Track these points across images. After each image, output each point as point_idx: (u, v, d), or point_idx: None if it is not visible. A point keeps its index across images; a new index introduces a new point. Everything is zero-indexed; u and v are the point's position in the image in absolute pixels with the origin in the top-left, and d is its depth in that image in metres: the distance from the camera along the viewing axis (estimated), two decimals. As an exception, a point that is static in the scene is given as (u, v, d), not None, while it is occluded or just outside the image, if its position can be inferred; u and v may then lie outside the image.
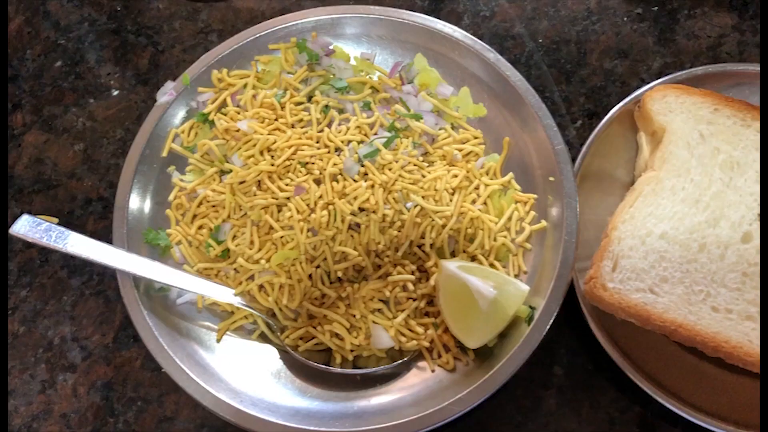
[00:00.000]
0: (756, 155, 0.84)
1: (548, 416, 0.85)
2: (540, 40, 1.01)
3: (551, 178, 0.87)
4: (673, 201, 0.83)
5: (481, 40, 1.00)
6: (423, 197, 0.85)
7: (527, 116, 0.90)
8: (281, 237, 0.84)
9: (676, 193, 0.83)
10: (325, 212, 0.82)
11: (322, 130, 0.88)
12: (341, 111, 0.91)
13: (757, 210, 0.82)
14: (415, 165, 0.87)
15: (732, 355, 0.77)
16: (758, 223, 0.82)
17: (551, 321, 0.80)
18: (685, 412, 0.78)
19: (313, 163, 0.85)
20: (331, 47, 0.96)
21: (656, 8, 1.02)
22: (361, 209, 0.83)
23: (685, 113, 0.86)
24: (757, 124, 0.85)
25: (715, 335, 0.77)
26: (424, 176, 0.86)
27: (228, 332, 0.86)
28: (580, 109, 0.97)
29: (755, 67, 0.92)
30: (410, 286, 0.83)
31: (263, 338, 0.86)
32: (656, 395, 0.79)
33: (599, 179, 0.89)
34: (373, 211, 0.82)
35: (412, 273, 0.84)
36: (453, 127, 0.93)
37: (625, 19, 1.02)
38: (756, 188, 0.83)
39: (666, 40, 1.00)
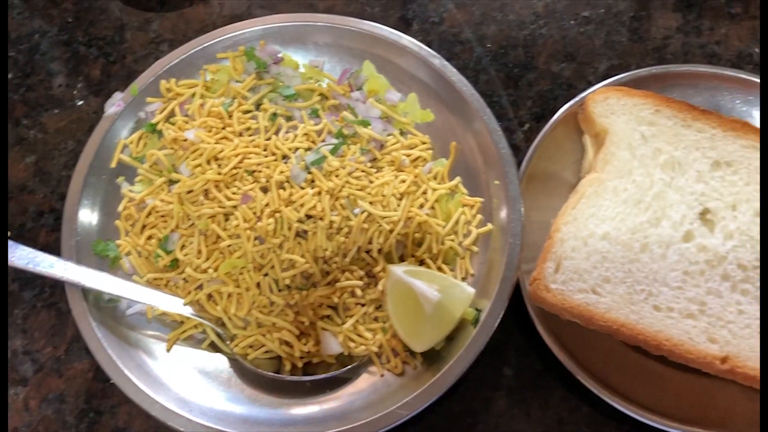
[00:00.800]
0: (696, 155, 0.85)
1: (498, 417, 0.85)
2: (488, 45, 1.02)
3: (496, 182, 0.88)
4: (615, 202, 0.84)
5: (430, 46, 1.01)
6: (370, 203, 0.85)
7: (473, 121, 0.90)
8: (228, 246, 0.84)
9: (618, 194, 0.84)
10: (271, 220, 0.82)
11: (269, 138, 0.89)
12: (289, 118, 0.92)
13: (698, 209, 0.84)
14: (362, 171, 0.87)
15: (673, 352, 0.78)
16: (699, 221, 0.83)
17: (497, 323, 0.81)
18: (631, 410, 0.79)
19: (260, 172, 0.86)
20: (279, 55, 0.96)
21: (603, 11, 1.04)
22: (308, 216, 0.84)
23: (627, 115, 0.87)
24: (697, 124, 0.86)
25: (657, 334, 0.79)
26: (371, 182, 0.87)
27: (178, 342, 0.86)
28: (528, 113, 0.98)
29: (698, 68, 0.94)
30: (358, 292, 0.84)
31: (213, 347, 0.86)
32: (602, 395, 0.80)
33: (546, 181, 0.90)
34: (320, 218, 0.83)
35: (361, 278, 0.84)
36: (401, 133, 0.93)
37: (572, 22, 1.03)
38: (696, 187, 0.84)
39: (612, 42, 1.02)
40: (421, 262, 0.87)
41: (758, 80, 0.92)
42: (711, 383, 0.81)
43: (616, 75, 0.93)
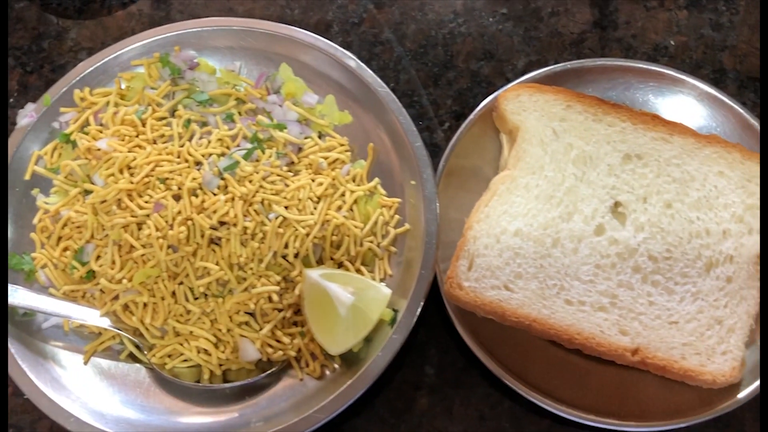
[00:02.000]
0: (607, 148, 0.86)
1: (420, 416, 0.86)
2: (408, 45, 1.03)
3: (413, 182, 0.88)
4: (527, 198, 0.85)
5: (350, 47, 1.02)
6: (286, 207, 0.85)
7: (389, 121, 0.91)
8: (142, 255, 0.83)
9: (530, 190, 0.85)
10: (183, 228, 0.82)
11: (183, 145, 0.88)
12: (204, 124, 0.91)
13: (610, 202, 0.84)
14: (278, 175, 0.87)
15: (585, 346, 0.79)
16: (610, 215, 0.84)
17: (413, 323, 0.82)
18: (549, 405, 0.80)
19: (172, 179, 0.85)
20: (195, 61, 0.95)
21: (521, 7, 1.04)
22: (222, 223, 0.83)
23: (539, 111, 0.88)
24: (608, 118, 0.87)
25: (568, 328, 0.79)
26: (287, 186, 0.87)
27: (96, 354, 0.85)
28: (448, 111, 0.99)
29: (612, 62, 0.95)
30: (275, 297, 0.83)
31: (132, 358, 0.85)
32: (521, 390, 0.81)
33: (465, 179, 0.91)
34: (234, 224, 0.82)
35: (278, 284, 0.84)
36: (320, 136, 0.93)
37: (491, 19, 1.04)
38: (607, 181, 0.85)
39: (530, 38, 1.02)
40: (340, 265, 0.87)
41: (672, 72, 0.93)
42: (630, 375, 0.82)
43: (534, 71, 0.93)
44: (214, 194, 0.84)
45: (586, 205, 0.84)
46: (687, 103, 0.93)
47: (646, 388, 0.82)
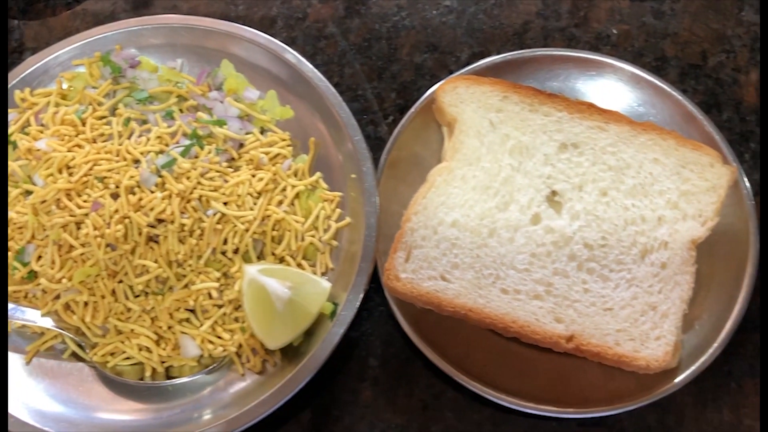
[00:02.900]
0: (543, 138, 0.87)
1: (364, 408, 0.86)
2: (352, 39, 1.03)
3: (353, 175, 0.88)
4: (464, 189, 0.85)
5: (294, 42, 1.02)
6: (225, 203, 0.85)
7: (330, 115, 0.91)
8: (81, 254, 0.83)
9: (467, 181, 0.85)
10: (120, 226, 0.82)
11: (122, 143, 0.88)
12: (144, 122, 0.91)
13: (546, 192, 0.85)
14: (217, 171, 0.87)
15: (521, 334, 0.80)
16: (546, 204, 0.84)
17: (353, 315, 0.82)
18: (488, 393, 0.81)
19: (110, 178, 0.85)
20: (137, 59, 0.95)
21: (465, -1, 1.05)
22: (160, 221, 0.83)
23: (476, 103, 0.88)
24: (544, 108, 0.88)
25: (504, 316, 0.80)
26: (227, 182, 0.87)
27: (39, 353, 0.85)
28: (392, 105, 0.99)
29: (552, 52, 0.95)
30: (214, 294, 0.84)
31: (76, 357, 0.86)
32: (460, 379, 0.81)
33: (407, 172, 0.91)
34: (171, 221, 0.83)
35: (217, 280, 0.84)
36: (262, 131, 0.93)
37: (434, 12, 1.04)
38: (544, 170, 0.85)
39: (474, 30, 1.03)
40: (282, 260, 0.87)
41: (612, 61, 0.94)
42: (572, 363, 0.83)
43: (475, 63, 0.94)
44: (152, 192, 0.84)
45: (523, 195, 0.85)
46: (627, 92, 0.94)
47: (588, 375, 0.83)
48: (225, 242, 0.84)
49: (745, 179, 0.87)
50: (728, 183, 0.83)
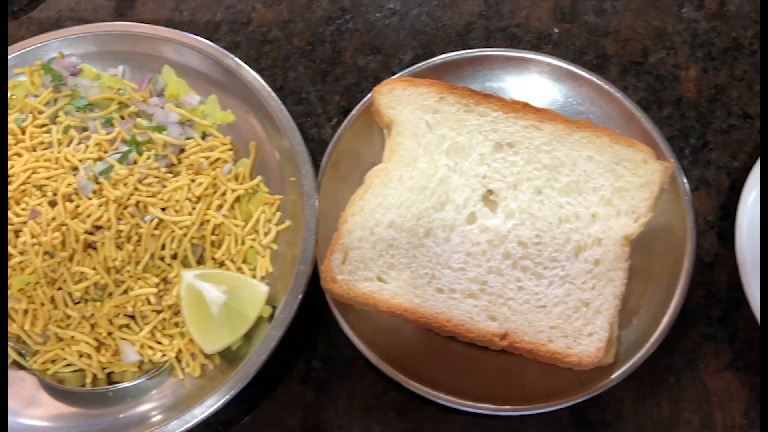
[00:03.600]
0: (479, 138, 0.87)
1: (306, 410, 0.87)
2: (296, 43, 1.03)
3: (292, 178, 0.89)
4: (401, 190, 0.86)
5: (238, 46, 1.03)
6: (163, 209, 0.86)
7: (270, 119, 0.91)
8: (20, 262, 0.83)
9: (404, 182, 0.86)
10: (58, 233, 0.82)
11: (62, 151, 0.88)
12: (85, 129, 0.91)
13: (481, 191, 0.85)
14: (155, 177, 0.87)
15: (455, 332, 0.80)
16: (482, 203, 0.85)
17: (291, 318, 0.83)
18: (427, 393, 0.81)
19: (48, 186, 0.85)
20: (78, 66, 0.96)
21: (408, 1, 1.05)
22: (98, 227, 0.84)
23: (412, 104, 0.89)
24: (479, 108, 0.88)
25: (438, 315, 0.80)
26: (166, 187, 0.87)
27: (-20, 363, 0.85)
28: (336, 107, 1.00)
29: (492, 52, 0.95)
30: (153, 299, 0.84)
31: (17, 365, 0.86)
32: (399, 379, 0.82)
33: (349, 174, 0.91)
34: (108, 228, 0.83)
35: (156, 285, 0.84)
36: (204, 136, 0.94)
37: (378, 14, 1.04)
38: (479, 170, 0.86)
39: (417, 32, 1.03)
40: (222, 264, 0.87)
41: (552, 60, 0.94)
42: (513, 360, 0.83)
43: (415, 65, 0.94)
44: (90, 199, 0.84)
45: (459, 195, 0.85)
46: (566, 91, 0.94)
47: (528, 371, 0.84)
48: (163, 248, 0.85)
49: (684, 177, 0.88)
50: (661, 179, 0.84)
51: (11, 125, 0.90)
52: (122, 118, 0.93)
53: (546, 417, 0.86)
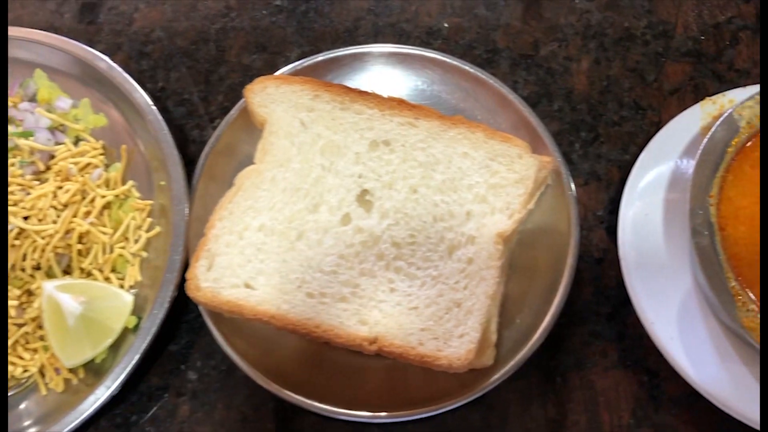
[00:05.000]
0: (354, 137, 0.84)
1: (182, 423, 0.83)
2: (179, 43, 1.00)
3: (162, 183, 0.86)
4: (274, 192, 0.82)
5: (119, 48, 1.00)
6: (26, 218, 0.82)
7: (143, 122, 0.88)
8: None
9: (277, 183, 0.83)
10: None
11: None
12: (-53, 138, 0.88)
13: (357, 191, 0.82)
14: (18, 185, 0.84)
15: (324, 338, 0.77)
16: (357, 203, 0.82)
17: (156, 328, 0.80)
18: (303, 402, 0.78)
19: None
20: (-55, 72, 0.92)
21: (296, -2, 1.02)
22: (-46, 238, 0.80)
23: (286, 103, 0.86)
24: (355, 106, 0.85)
25: (307, 321, 0.77)
26: (30, 195, 0.83)
27: None
28: (219, 108, 0.96)
29: (373, 48, 0.93)
30: (13, 312, 0.80)
31: None
32: (274, 388, 0.79)
33: (228, 177, 0.88)
34: (-37, 239, 0.79)
35: (18, 298, 0.81)
36: (77, 141, 0.90)
37: (264, 12, 1.01)
38: (355, 169, 0.83)
39: (304, 29, 1.00)
40: (89, 274, 0.84)
41: (436, 56, 0.92)
42: (396, 365, 0.80)
43: (294, 63, 0.91)
44: (-55, 209, 0.81)
45: (333, 196, 0.82)
46: (452, 86, 0.92)
47: (413, 376, 0.81)
48: (24, 258, 0.81)
49: (568, 171, 0.85)
50: (536, 174, 0.81)
51: None
52: (-11, 124, 0.89)
53: (430, 422, 0.83)
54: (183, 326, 0.87)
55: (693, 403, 0.82)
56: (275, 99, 0.86)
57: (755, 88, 0.82)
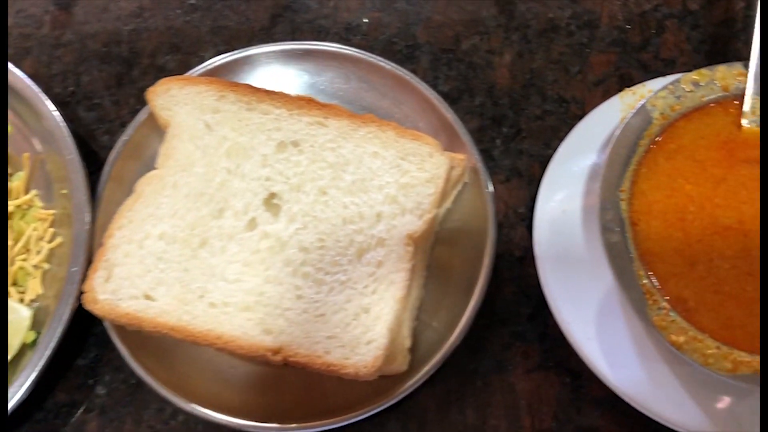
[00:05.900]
0: (261, 138, 0.81)
1: (89, 440, 0.80)
2: (91, 45, 0.97)
3: (64, 191, 0.82)
4: (176, 198, 0.79)
5: (29, 52, 0.99)
6: None
7: (48, 129, 0.85)
8: None
9: (179, 189, 0.80)
10: None
11: None
12: None
13: (264, 195, 0.79)
14: None
15: (226, 349, 0.74)
16: (263, 208, 0.79)
17: (55, 343, 0.77)
18: (207, 415, 0.76)
19: None
20: None
21: (211, -4, 0.99)
22: None
23: (190, 105, 0.83)
24: (262, 106, 0.82)
25: (208, 332, 0.74)
26: (-76, 209, 0.80)
27: None
28: (130, 112, 0.93)
29: (287, 46, 0.90)
30: None
31: None
32: (176, 401, 0.76)
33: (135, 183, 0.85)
34: None
35: None
36: (-21, 150, 0.87)
37: (178, 11, 0.98)
38: (262, 172, 0.80)
39: (219, 28, 0.97)
40: (-11, 288, 0.81)
41: (351, 52, 0.89)
42: (313, 374, 0.77)
43: (203, 64, 0.88)
44: None
45: (239, 200, 0.79)
46: (370, 84, 0.89)
47: (331, 384, 0.78)
48: None
49: (485, 168, 0.82)
50: (448, 172, 0.79)
51: None
52: None
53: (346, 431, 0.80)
54: (91, 339, 0.84)
55: (616, 404, 0.79)
56: (179, 101, 0.83)
57: (672, 77, 0.80)
